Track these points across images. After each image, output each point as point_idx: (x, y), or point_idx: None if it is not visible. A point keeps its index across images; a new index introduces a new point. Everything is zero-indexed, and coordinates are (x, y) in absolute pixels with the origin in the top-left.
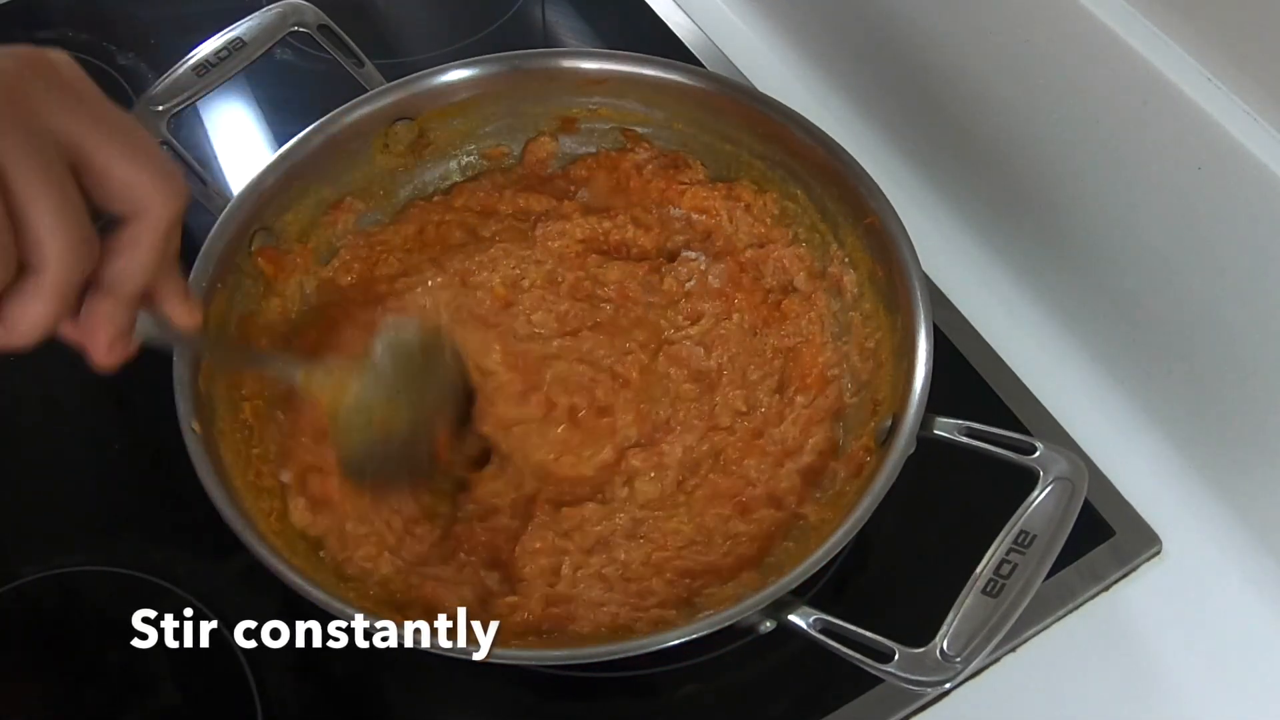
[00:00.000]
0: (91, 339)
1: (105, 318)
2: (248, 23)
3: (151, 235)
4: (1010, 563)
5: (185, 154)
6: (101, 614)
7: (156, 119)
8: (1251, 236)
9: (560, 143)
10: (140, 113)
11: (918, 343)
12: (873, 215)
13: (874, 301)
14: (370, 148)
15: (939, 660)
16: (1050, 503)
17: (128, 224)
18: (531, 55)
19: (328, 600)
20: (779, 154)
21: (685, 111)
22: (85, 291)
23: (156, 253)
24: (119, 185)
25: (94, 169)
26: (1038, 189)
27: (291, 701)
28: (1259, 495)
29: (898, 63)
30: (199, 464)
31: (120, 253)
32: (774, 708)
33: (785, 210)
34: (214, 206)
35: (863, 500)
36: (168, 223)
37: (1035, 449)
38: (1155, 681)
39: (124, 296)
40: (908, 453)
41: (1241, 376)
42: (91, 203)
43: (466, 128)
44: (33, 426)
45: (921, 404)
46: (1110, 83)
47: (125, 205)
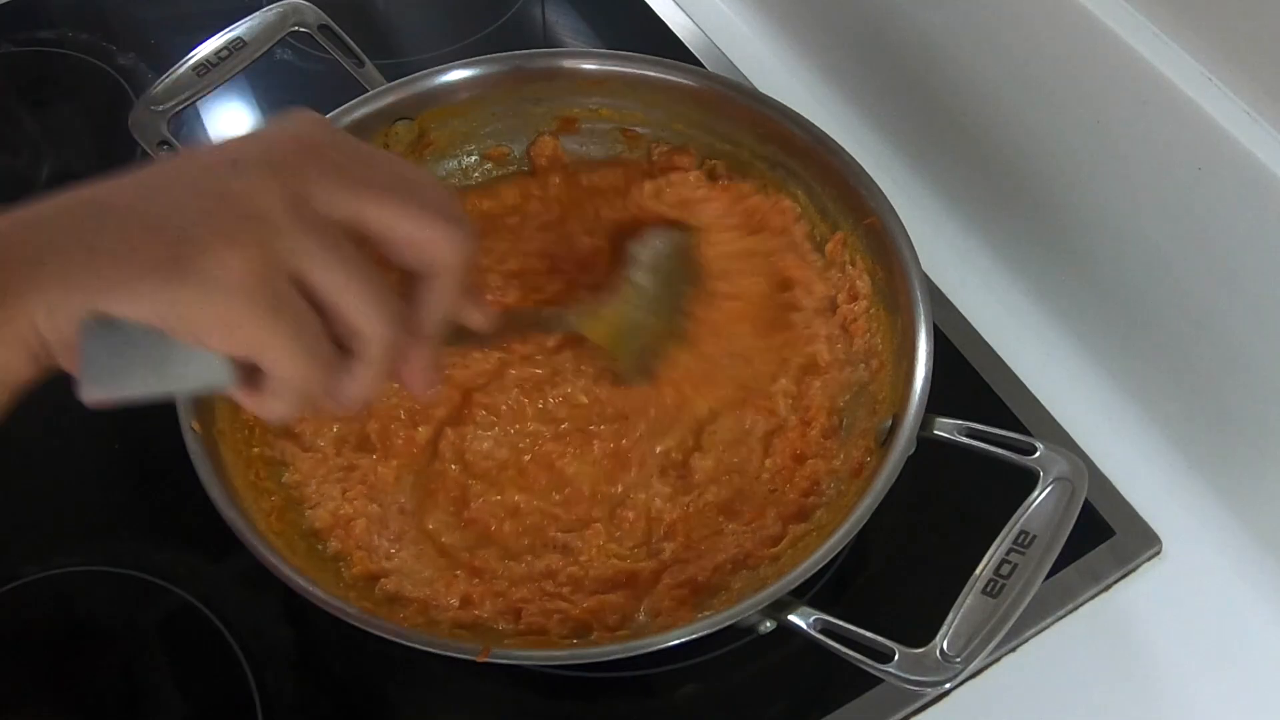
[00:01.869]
0: (410, 381)
1: (421, 362)
2: (248, 23)
3: (448, 285)
4: (1010, 563)
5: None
6: (101, 614)
7: (157, 119)
8: (1252, 236)
9: (561, 142)
10: (140, 113)
11: (918, 343)
12: (873, 216)
13: (874, 302)
14: (372, 143)
15: (939, 660)
16: (1050, 503)
17: (425, 279)
18: (532, 55)
19: (327, 599)
20: (779, 154)
21: (685, 112)
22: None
23: (455, 296)
24: (407, 246)
25: (379, 237)
26: (1037, 189)
27: (291, 701)
28: (1259, 495)
29: (897, 63)
30: (199, 464)
31: (424, 303)
32: (774, 708)
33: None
34: None
35: (862, 501)
36: (460, 270)
37: (1035, 449)
38: (1155, 681)
39: (434, 340)
40: (908, 453)
41: (1242, 376)
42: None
43: (467, 128)
44: (33, 426)
45: (921, 404)
46: (1110, 83)
47: (419, 263)
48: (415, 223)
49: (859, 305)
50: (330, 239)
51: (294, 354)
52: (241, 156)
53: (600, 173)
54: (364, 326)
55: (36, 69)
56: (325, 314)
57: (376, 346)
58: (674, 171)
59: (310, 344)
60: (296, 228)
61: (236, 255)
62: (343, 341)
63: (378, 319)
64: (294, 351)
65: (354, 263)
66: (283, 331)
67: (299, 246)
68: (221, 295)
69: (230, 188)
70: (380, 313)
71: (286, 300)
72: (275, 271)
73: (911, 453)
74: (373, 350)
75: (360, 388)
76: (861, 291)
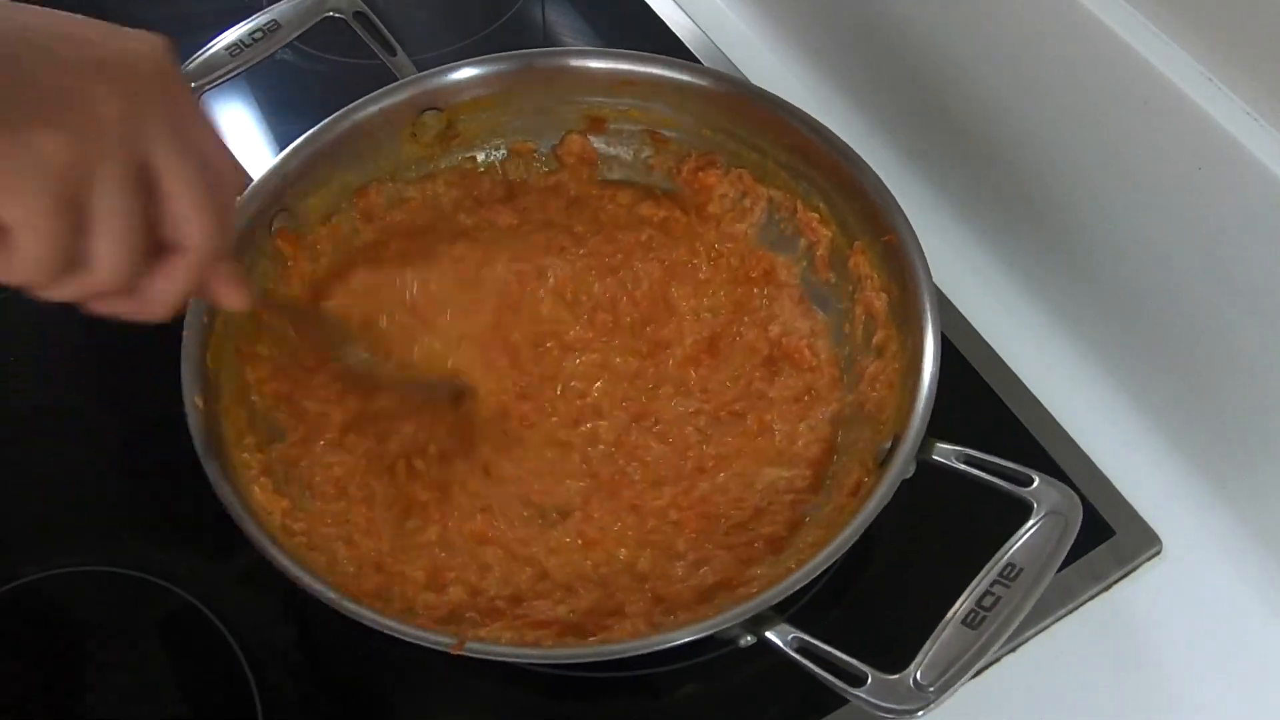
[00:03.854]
0: (221, 291)
1: (230, 271)
2: (282, 6)
3: (190, 264)
4: (994, 595)
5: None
6: (101, 614)
7: None
8: (1252, 236)
9: (589, 142)
10: None
11: (923, 365)
12: (891, 232)
13: (886, 319)
14: (398, 136)
15: (911, 689)
16: (1040, 537)
17: (176, 252)
18: (561, 53)
19: (310, 582)
20: (802, 165)
21: (714, 117)
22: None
23: (192, 283)
24: (174, 217)
25: (163, 193)
26: (1037, 189)
27: (291, 702)
28: (1259, 495)
29: (895, 62)
30: (197, 439)
31: (166, 273)
32: (774, 708)
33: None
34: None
35: (853, 520)
36: (204, 257)
37: (1032, 480)
38: (1155, 681)
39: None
40: (904, 475)
41: (1242, 376)
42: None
43: (494, 122)
44: (33, 426)
45: (921, 428)
46: (1110, 83)
47: (174, 235)
48: (194, 204)
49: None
50: (176, 145)
51: (40, 228)
52: (108, 59)
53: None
54: (193, 217)
55: None
56: (155, 212)
57: (201, 239)
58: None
59: (65, 236)
60: (117, 151)
61: (59, 143)
62: (158, 247)
63: (208, 215)
64: (40, 226)
65: (192, 174)
66: (42, 209)
67: (159, 135)
68: (22, 165)
69: (89, 88)
70: (209, 213)
71: (70, 198)
72: (77, 176)
73: (909, 476)
74: (196, 243)
75: (174, 285)
76: (879, 311)
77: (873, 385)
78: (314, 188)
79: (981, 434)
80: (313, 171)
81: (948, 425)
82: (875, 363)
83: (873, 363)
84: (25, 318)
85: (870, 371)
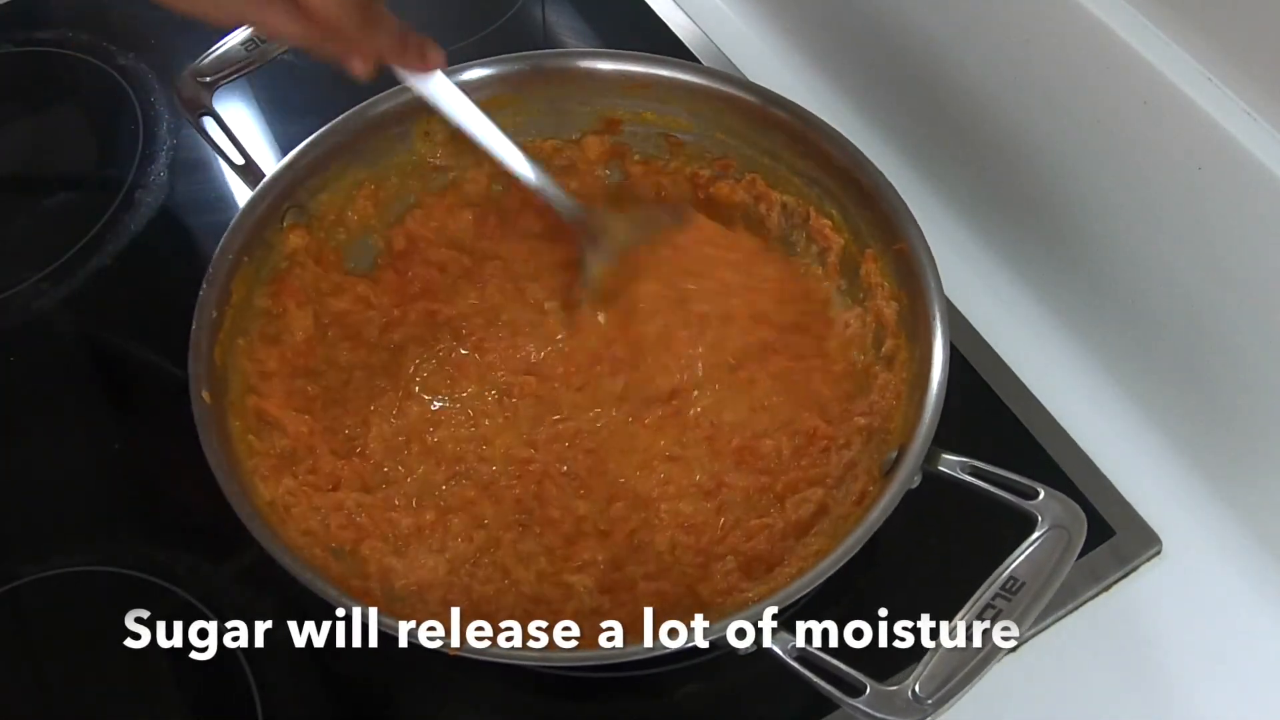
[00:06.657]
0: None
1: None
2: None
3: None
4: (995, 608)
5: (229, 126)
6: (101, 614)
7: (201, 90)
8: (1252, 237)
9: (606, 142)
10: (186, 82)
11: (931, 375)
12: (902, 241)
13: (896, 327)
14: (412, 134)
15: (909, 701)
16: (1043, 551)
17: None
18: (575, 55)
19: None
20: (816, 172)
21: (729, 122)
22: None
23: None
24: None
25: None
26: (1036, 189)
27: (291, 701)
28: (1259, 495)
29: (895, 62)
30: (204, 433)
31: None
32: (774, 708)
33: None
34: (250, 183)
35: (856, 530)
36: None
37: (1037, 494)
38: (1155, 681)
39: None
40: (908, 486)
41: (1242, 377)
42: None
43: (509, 122)
44: (33, 426)
45: (927, 439)
46: (1110, 83)
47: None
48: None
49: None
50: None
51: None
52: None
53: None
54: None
55: (36, 69)
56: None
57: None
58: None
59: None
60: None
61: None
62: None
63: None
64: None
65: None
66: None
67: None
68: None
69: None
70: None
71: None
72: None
73: (914, 486)
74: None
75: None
76: (888, 320)
77: (881, 395)
78: (328, 183)
79: (982, 431)
80: (327, 167)
81: (952, 430)
82: (884, 374)
83: (881, 373)
84: (25, 318)
85: (879, 382)
